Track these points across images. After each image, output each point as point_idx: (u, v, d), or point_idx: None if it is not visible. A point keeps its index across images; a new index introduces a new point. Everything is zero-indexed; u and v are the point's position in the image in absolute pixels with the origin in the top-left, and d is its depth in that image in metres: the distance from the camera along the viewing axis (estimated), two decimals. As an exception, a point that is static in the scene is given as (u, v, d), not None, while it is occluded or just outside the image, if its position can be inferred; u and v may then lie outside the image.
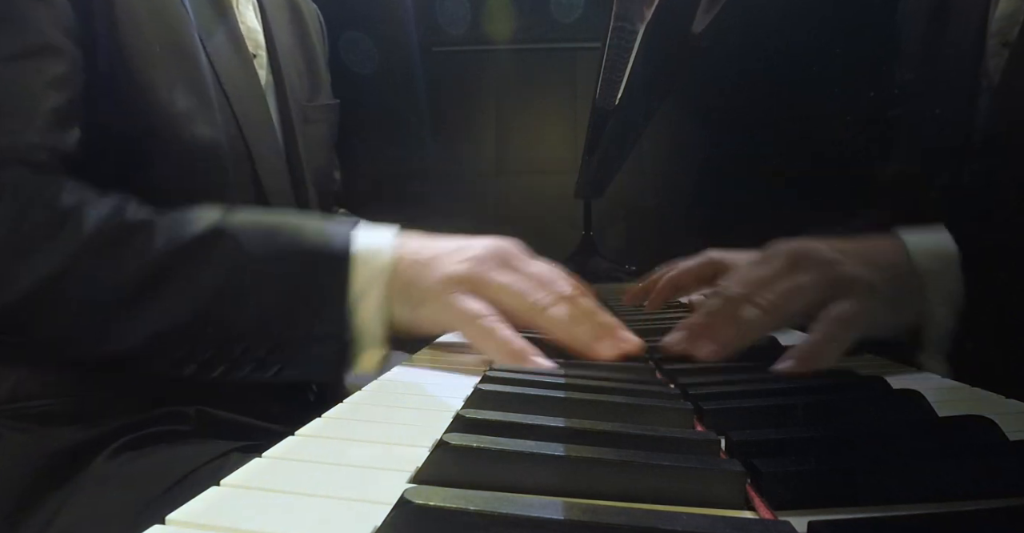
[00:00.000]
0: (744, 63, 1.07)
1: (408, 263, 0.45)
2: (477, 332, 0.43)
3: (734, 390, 0.36)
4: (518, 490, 0.23)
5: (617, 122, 0.99)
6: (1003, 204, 0.52)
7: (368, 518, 0.20)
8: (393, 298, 0.45)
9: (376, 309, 0.44)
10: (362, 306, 0.44)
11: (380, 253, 0.45)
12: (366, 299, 0.44)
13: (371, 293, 0.44)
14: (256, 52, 0.66)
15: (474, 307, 0.43)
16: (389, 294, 0.44)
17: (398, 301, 0.45)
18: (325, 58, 0.83)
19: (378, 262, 0.44)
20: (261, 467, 0.25)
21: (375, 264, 0.44)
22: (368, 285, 0.44)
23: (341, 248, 0.45)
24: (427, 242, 0.47)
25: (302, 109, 0.72)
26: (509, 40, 2.08)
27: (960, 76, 0.61)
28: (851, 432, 0.28)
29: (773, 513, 0.22)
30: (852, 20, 0.81)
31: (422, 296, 0.44)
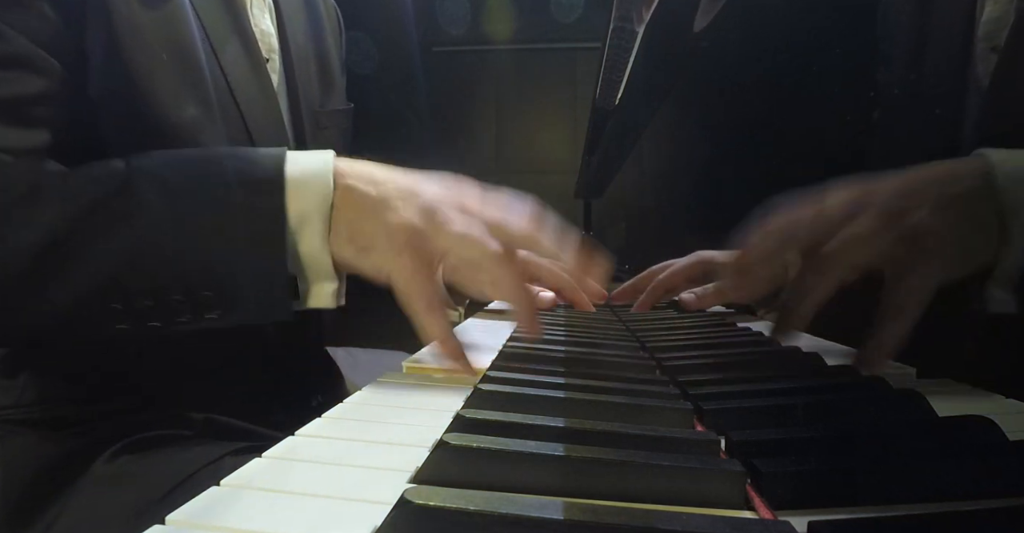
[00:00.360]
0: (744, 63, 1.07)
1: (356, 196, 0.41)
2: (420, 312, 0.40)
3: (734, 390, 0.36)
4: (518, 490, 0.23)
5: (617, 122, 0.99)
6: None
7: (368, 518, 0.20)
8: (336, 231, 0.41)
9: (320, 238, 0.41)
10: (303, 235, 0.41)
11: (319, 175, 0.41)
12: (307, 226, 0.41)
13: (313, 219, 0.41)
14: (269, 56, 0.65)
15: (421, 277, 0.40)
16: (333, 225, 0.41)
17: (341, 236, 0.41)
18: (341, 59, 0.81)
19: (317, 185, 0.41)
20: (261, 467, 0.25)
21: (314, 187, 0.41)
22: (308, 211, 0.40)
23: (271, 171, 0.41)
24: (374, 172, 0.43)
25: (314, 115, 0.71)
26: (509, 40, 2.08)
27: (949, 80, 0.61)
28: (851, 432, 0.28)
29: (773, 513, 0.22)
30: (853, 20, 0.81)
31: (370, 241, 0.41)
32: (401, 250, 0.40)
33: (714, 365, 0.43)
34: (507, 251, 0.41)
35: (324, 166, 0.42)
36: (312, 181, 0.41)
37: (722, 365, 0.43)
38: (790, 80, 1.02)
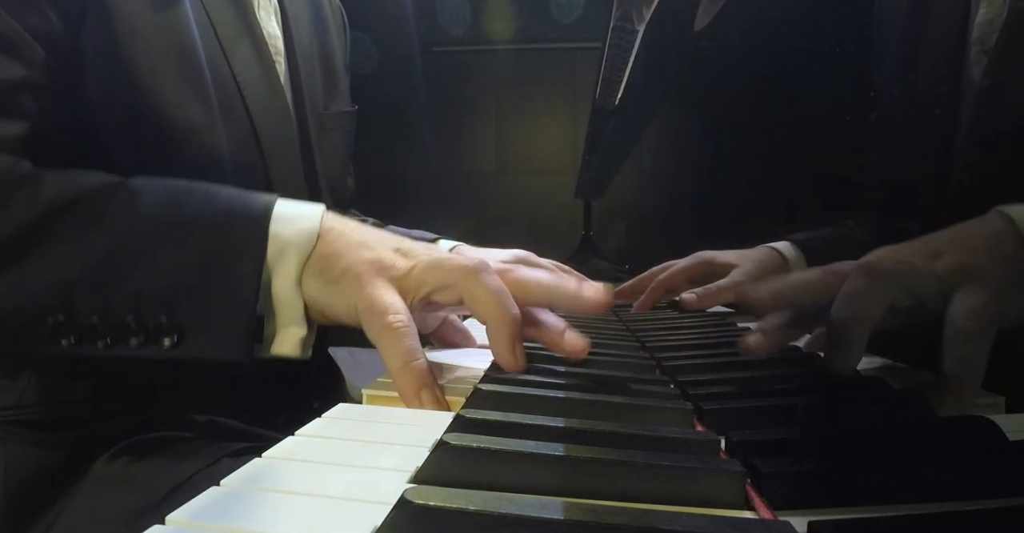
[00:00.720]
0: (744, 64, 1.07)
1: (336, 234, 0.40)
2: (383, 330, 0.36)
3: (734, 390, 0.36)
4: (518, 490, 0.23)
5: (617, 122, 0.99)
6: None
7: (368, 518, 0.20)
8: (308, 270, 0.39)
9: (293, 277, 0.39)
10: (278, 270, 0.38)
11: (304, 218, 0.40)
12: (282, 266, 0.38)
13: (289, 260, 0.38)
14: (275, 58, 0.64)
15: (390, 300, 0.37)
16: (308, 264, 0.39)
17: (311, 273, 0.39)
18: (345, 59, 0.81)
19: (303, 225, 0.39)
20: (261, 467, 0.25)
21: (299, 226, 0.39)
22: (286, 249, 0.38)
23: (258, 205, 0.40)
24: (362, 227, 0.42)
25: (319, 117, 0.70)
26: (509, 40, 2.08)
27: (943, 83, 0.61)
28: (851, 432, 0.28)
29: (773, 513, 0.22)
30: (852, 22, 0.81)
31: (341, 272, 0.38)
32: (370, 280, 0.38)
33: (714, 365, 0.43)
34: (479, 263, 0.38)
35: (313, 210, 0.41)
36: (296, 220, 0.40)
37: (722, 365, 0.43)
38: (789, 81, 1.02)
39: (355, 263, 0.39)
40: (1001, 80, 0.54)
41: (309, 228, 0.40)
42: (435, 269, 0.38)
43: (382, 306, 0.36)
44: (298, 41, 0.68)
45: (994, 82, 0.55)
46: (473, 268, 0.38)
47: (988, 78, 0.55)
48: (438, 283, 0.38)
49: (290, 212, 0.40)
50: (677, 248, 0.84)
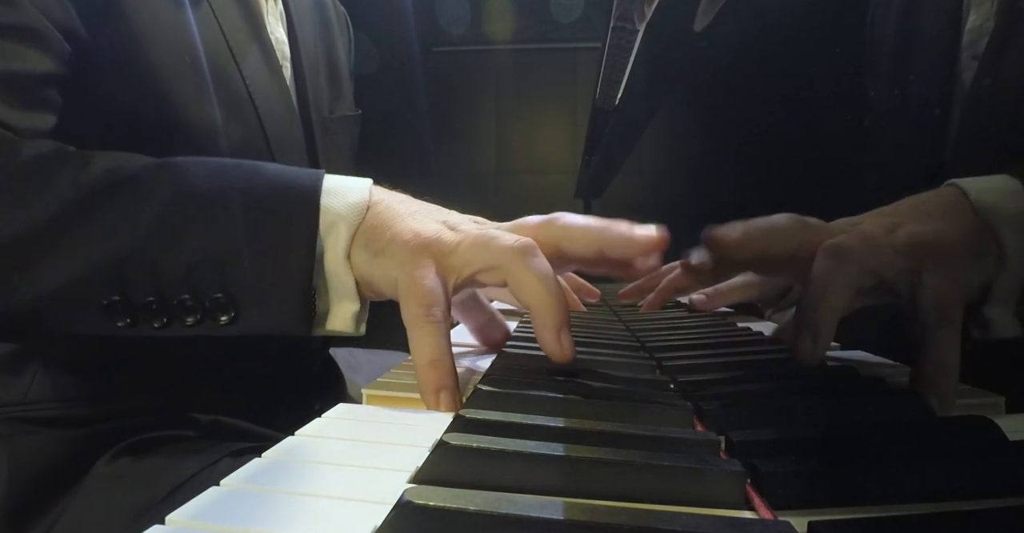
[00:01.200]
0: (744, 64, 1.07)
1: (384, 206, 0.39)
2: (416, 319, 0.35)
3: (734, 390, 0.36)
4: (518, 490, 0.23)
5: (617, 122, 0.99)
6: None
7: (368, 518, 0.20)
8: (356, 242, 0.38)
9: (343, 250, 0.38)
10: (328, 247, 0.38)
11: (353, 190, 0.39)
12: (333, 237, 0.38)
13: (340, 230, 0.38)
14: (282, 63, 0.65)
15: (431, 285, 0.36)
16: (356, 236, 0.38)
17: (359, 245, 0.38)
18: (350, 64, 0.83)
19: (351, 198, 0.39)
20: (261, 467, 0.25)
21: (349, 199, 0.38)
22: (336, 222, 0.38)
23: (309, 178, 0.39)
24: (411, 199, 0.42)
25: (324, 121, 0.71)
26: (509, 40, 2.08)
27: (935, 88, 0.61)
28: (851, 432, 0.28)
29: (773, 513, 0.22)
30: (851, 25, 0.81)
31: (385, 245, 0.38)
32: (413, 254, 0.37)
33: (714, 365, 0.43)
34: (526, 245, 0.36)
35: (363, 183, 0.41)
36: (346, 192, 0.39)
37: (722, 365, 0.43)
38: (788, 82, 1.03)
39: (400, 233, 0.38)
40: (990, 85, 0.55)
41: (358, 200, 0.39)
42: (481, 249, 0.37)
43: (421, 292, 0.35)
44: (304, 46, 0.69)
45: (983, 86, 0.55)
46: (520, 250, 0.36)
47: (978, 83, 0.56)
48: (484, 264, 0.37)
49: (339, 185, 0.39)
50: (677, 248, 0.83)
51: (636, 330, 0.62)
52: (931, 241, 0.36)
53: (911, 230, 0.37)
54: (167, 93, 0.51)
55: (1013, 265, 0.37)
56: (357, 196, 0.39)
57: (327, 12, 0.78)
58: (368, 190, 0.40)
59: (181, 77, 0.52)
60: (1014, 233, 0.36)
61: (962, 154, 0.59)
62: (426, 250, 0.37)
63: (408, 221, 0.39)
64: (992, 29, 0.55)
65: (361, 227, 0.38)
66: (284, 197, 0.39)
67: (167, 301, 0.37)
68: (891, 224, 0.38)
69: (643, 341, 0.55)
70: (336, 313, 0.39)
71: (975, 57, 0.58)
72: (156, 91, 0.51)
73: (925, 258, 0.36)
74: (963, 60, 0.59)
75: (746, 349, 0.50)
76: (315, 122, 0.69)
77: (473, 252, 0.37)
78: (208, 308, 0.37)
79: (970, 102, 0.57)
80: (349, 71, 0.83)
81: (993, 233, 0.37)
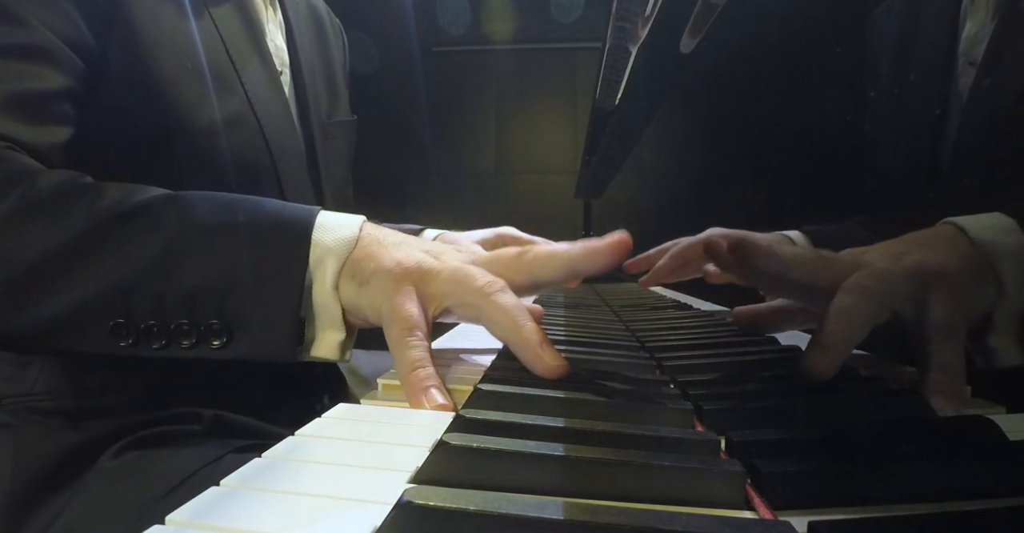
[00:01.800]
0: (744, 65, 1.07)
1: (371, 240, 0.42)
2: (398, 340, 0.38)
3: (734, 390, 0.36)
4: (518, 490, 0.23)
5: (617, 122, 0.99)
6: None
7: (368, 518, 0.20)
8: (343, 273, 0.41)
9: (331, 282, 0.41)
10: (317, 279, 0.41)
11: (345, 227, 0.42)
12: (320, 271, 0.41)
13: (328, 265, 0.41)
14: (281, 69, 0.68)
15: (410, 311, 0.39)
16: (344, 268, 0.41)
17: (346, 276, 0.41)
18: (345, 73, 0.84)
19: (342, 233, 0.42)
20: (261, 467, 0.25)
21: (339, 234, 0.42)
22: (325, 256, 0.41)
23: (302, 215, 0.42)
24: (398, 234, 0.44)
25: (323, 126, 0.73)
26: (509, 40, 2.08)
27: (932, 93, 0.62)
28: (851, 432, 0.28)
29: (773, 513, 0.22)
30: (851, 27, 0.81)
31: (371, 273, 0.41)
32: (397, 281, 0.40)
33: (714, 365, 0.43)
34: (493, 283, 0.39)
35: (355, 220, 0.43)
36: (337, 228, 0.42)
37: (722, 365, 0.43)
38: (788, 83, 1.03)
39: (384, 263, 0.40)
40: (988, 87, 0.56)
41: (348, 236, 0.42)
42: (457, 285, 0.39)
43: (403, 317, 0.38)
44: (303, 54, 0.71)
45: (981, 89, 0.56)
46: (488, 288, 0.38)
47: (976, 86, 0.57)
48: (457, 300, 0.40)
49: (331, 222, 0.42)
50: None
51: (636, 330, 0.62)
52: (936, 267, 0.39)
53: (918, 258, 0.40)
54: (170, 99, 0.53)
55: (1012, 295, 0.39)
56: (347, 232, 0.42)
57: (323, 22, 0.80)
58: (359, 226, 0.43)
59: (183, 83, 0.54)
60: (1012, 266, 0.39)
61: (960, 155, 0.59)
62: (408, 277, 0.40)
63: (392, 251, 0.41)
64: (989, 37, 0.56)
65: (348, 260, 0.41)
66: (280, 233, 0.41)
67: (166, 325, 0.40)
68: (898, 254, 0.41)
69: (643, 341, 0.55)
70: (322, 341, 0.42)
71: (971, 63, 0.58)
72: (159, 97, 0.53)
73: (931, 281, 0.38)
74: (959, 66, 0.60)
75: (746, 349, 0.50)
76: (315, 127, 0.71)
77: (451, 285, 0.40)
78: (204, 333, 0.40)
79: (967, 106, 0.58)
80: (345, 78, 0.85)
81: (992, 266, 0.39)
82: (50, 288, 0.40)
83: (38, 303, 0.40)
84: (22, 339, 0.41)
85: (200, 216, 0.41)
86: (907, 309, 0.39)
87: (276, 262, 0.40)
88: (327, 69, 0.78)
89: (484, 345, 0.55)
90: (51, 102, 0.47)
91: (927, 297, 0.38)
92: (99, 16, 0.50)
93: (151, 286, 0.40)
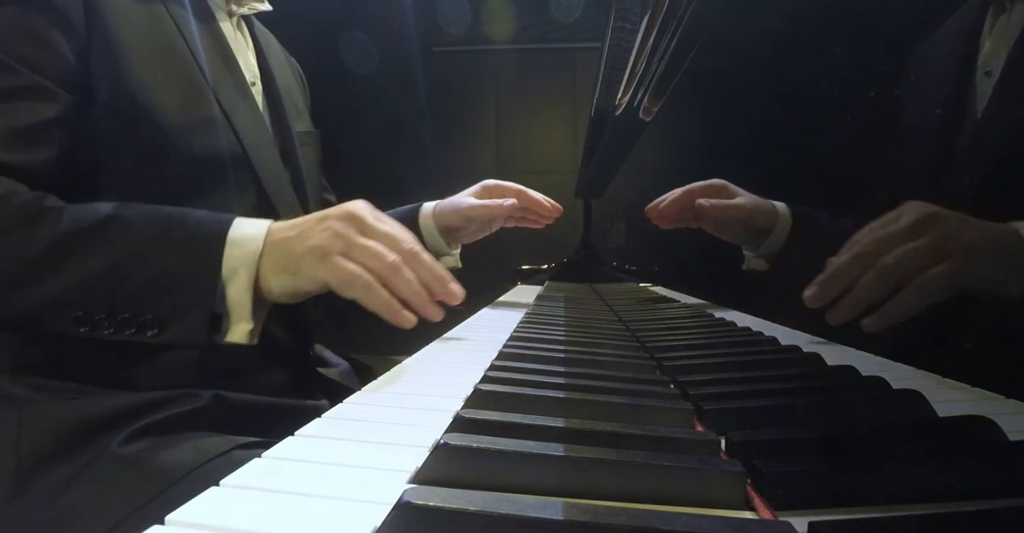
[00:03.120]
0: (744, 66, 1.07)
1: (277, 240, 0.52)
2: (361, 288, 0.50)
3: (734, 390, 0.36)
4: (518, 490, 0.23)
5: (617, 122, 0.99)
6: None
7: (368, 518, 0.20)
8: (269, 274, 0.52)
9: (245, 288, 0.51)
10: (232, 285, 0.51)
11: (252, 240, 0.52)
12: (236, 279, 0.51)
13: (240, 274, 0.51)
14: (252, 81, 0.74)
15: (352, 268, 0.50)
16: (264, 273, 0.52)
17: (275, 274, 0.52)
18: (308, 107, 0.90)
19: (250, 247, 0.52)
20: (261, 467, 0.25)
21: (247, 248, 0.52)
22: (238, 266, 0.51)
23: (217, 233, 0.52)
24: (292, 222, 0.54)
25: (300, 135, 0.80)
26: (509, 40, 2.08)
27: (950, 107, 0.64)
28: (851, 432, 0.28)
29: (773, 513, 0.22)
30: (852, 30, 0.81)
31: (299, 262, 0.51)
32: (324, 257, 0.50)
33: (714, 365, 0.43)
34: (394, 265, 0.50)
35: (258, 232, 0.53)
36: (245, 243, 0.52)
37: (722, 365, 0.43)
38: (790, 82, 1.03)
39: (306, 251, 0.51)
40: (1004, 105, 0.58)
41: (254, 248, 0.52)
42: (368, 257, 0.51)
43: (351, 273, 0.50)
44: (273, 69, 0.79)
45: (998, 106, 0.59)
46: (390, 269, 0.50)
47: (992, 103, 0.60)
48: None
49: (240, 236, 0.52)
50: (677, 248, 0.84)
51: (636, 330, 0.62)
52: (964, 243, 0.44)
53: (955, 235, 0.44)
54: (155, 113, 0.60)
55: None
56: (253, 245, 0.52)
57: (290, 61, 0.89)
58: (262, 239, 0.53)
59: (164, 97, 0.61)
60: None
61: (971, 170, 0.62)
62: (333, 249, 0.51)
63: (306, 241, 0.51)
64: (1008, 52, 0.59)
65: (267, 263, 0.52)
66: (198, 249, 0.52)
67: (114, 317, 0.51)
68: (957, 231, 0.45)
69: (643, 341, 0.55)
70: (235, 330, 0.52)
71: (988, 73, 0.61)
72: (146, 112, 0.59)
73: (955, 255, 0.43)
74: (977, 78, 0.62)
75: (746, 349, 0.50)
76: (289, 132, 0.77)
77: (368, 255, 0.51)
78: (141, 324, 0.51)
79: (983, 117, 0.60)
80: (307, 105, 0.90)
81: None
82: (27, 289, 0.51)
83: (18, 300, 0.51)
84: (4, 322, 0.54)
85: (138, 234, 0.52)
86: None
87: (195, 272, 0.51)
88: (291, 92, 0.84)
89: (488, 341, 0.56)
90: (39, 130, 0.55)
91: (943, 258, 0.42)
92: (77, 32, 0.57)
93: (103, 289, 0.51)
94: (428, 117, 2.07)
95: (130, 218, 0.53)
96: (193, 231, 0.52)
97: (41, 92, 0.56)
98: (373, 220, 0.53)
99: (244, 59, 0.74)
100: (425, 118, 2.06)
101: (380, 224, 0.53)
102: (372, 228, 0.52)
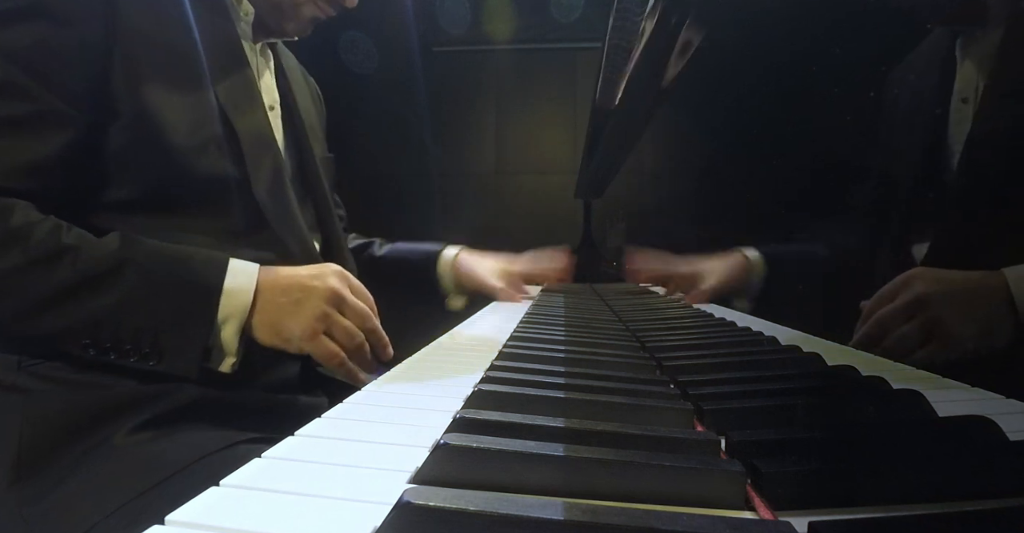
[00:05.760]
0: (744, 65, 1.07)
1: (269, 302, 0.60)
2: (336, 365, 0.61)
3: (734, 390, 0.36)
4: (518, 490, 0.23)
5: (617, 122, 0.99)
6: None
7: (368, 518, 0.20)
8: (259, 328, 0.60)
9: (234, 333, 0.59)
10: (224, 328, 0.59)
11: (243, 291, 0.60)
12: (227, 325, 0.59)
13: (231, 322, 0.59)
14: (272, 105, 0.76)
15: (333, 349, 0.61)
16: (254, 325, 0.60)
17: (265, 332, 0.60)
18: (323, 129, 0.92)
19: (241, 298, 0.59)
20: (261, 467, 0.25)
21: (239, 300, 0.59)
22: (230, 315, 0.59)
23: (215, 283, 0.59)
24: (279, 285, 0.61)
25: (322, 160, 0.84)
26: (509, 40, 2.08)
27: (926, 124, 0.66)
28: (851, 432, 0.28)
29: (773, 513, 0.22)
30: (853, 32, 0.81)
31: (289, 334, 0.60)
32: (313, 337, 0.60)
33: (714, 365, 0.43)
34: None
35: (248, 282, 0.60)
36: (238, 294, 0.59)
37: (722, 365, 0.43)
38: (790, 83, 1.03)
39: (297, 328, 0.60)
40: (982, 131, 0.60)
41: (246, 300, 0.60)
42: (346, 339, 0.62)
43: (333, 356, 0.61)
44: (296, 91, 0.81)
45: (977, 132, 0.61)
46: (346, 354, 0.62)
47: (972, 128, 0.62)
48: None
49: (234, 287, 0.59)
50: (677, 248, 0.84)
51: (636, 330, 0.62)
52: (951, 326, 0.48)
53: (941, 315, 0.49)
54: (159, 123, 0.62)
55: None
56: (244, 297, 0.59)
57: (311, 85, 0.91)
58: (251, 292, 0.60)
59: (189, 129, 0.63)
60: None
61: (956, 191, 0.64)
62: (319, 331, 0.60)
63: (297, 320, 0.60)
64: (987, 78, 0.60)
65: (258, 318, 0.60)
66: (198, 298, 0.58)
67: (118, 347, 0.57)
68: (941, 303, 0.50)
69: (643, 341, 0.55)
70: (223, 364, 0.60)
71: (964, 100, 0.62)
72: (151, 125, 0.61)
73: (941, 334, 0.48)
74: (953, 104, 0.64)
75: (746, 349, 0.50)
76: (310, 155, 0.80)
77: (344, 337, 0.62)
78: (143, 355, 0.57)
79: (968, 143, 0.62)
80: (322, 129, 0.91)
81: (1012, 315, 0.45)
82: (41, 320, 0.56)
83: (32, 329, 0.56)
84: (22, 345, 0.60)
85: (146, 278, 0.58)
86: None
87: (193, 318, 0.58)
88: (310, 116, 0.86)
89: (490, 340, 0.56)
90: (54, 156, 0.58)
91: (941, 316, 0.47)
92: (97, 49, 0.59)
93: (111, 323, 0.56)
94: (428, 117, 2.07)
95: (139, 261, 0.58)
96: (192, 278, 0.59)
97: (57, 117, 0.58)
98: (349, 296, 0.62)
99: (265, 83, 0.76)
100: (425, 118, 2.06)
101: (354, 300, 0.62)
102: (349, 305, 0.62)
